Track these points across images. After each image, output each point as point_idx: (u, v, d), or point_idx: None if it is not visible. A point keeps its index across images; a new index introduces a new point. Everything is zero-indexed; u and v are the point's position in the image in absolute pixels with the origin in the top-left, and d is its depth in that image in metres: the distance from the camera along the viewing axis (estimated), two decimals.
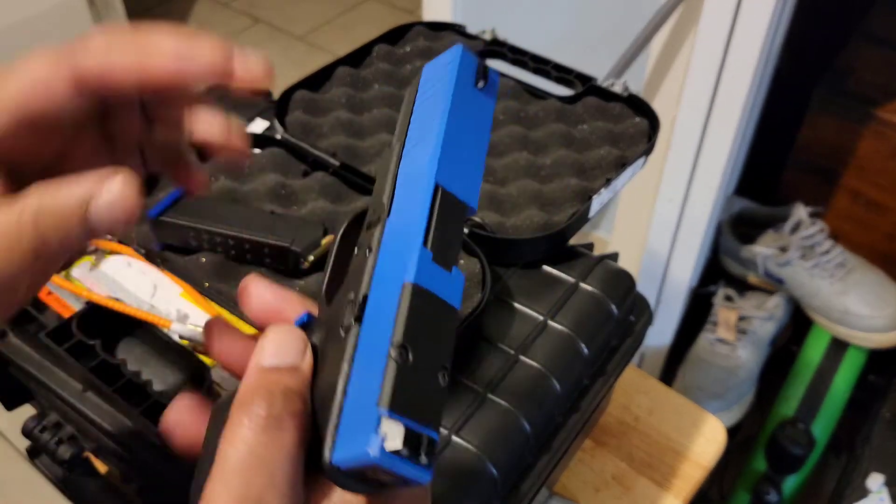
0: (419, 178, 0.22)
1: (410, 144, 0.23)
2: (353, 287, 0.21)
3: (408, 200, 0.22)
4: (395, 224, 0.22)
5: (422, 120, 0.23)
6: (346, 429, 0.19)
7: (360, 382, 0.19)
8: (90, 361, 0.39)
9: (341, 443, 0.19)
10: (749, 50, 0.75)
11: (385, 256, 0.21)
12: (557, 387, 0.40)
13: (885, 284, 0.98)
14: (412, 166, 0.22)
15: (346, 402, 0.19)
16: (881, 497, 0.89)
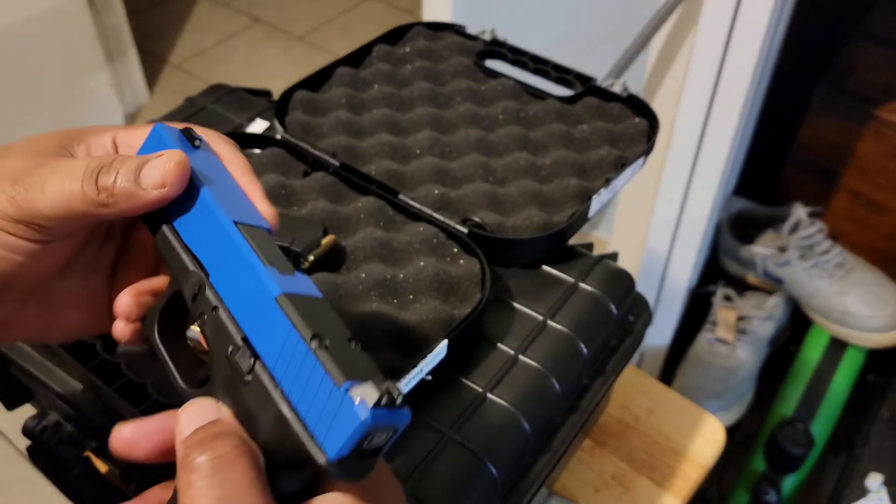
0: (214, 229, 0.24)
1: (174, 216, 0.26)
2: (222, 345, 0.23)
3: (215, 253, 0.24)
4: (220, 276, 0.24)
5: None
6: (320, 428, 0.20)
7: (301, 392, 0.21)
8: (90, 361, 0.39)
9: (327, 439, 0.20)
10: (748, 50, 0.75)
11: (233, 303, 0.23)
12: (557, 386, 0.40)
13: (885, 284, 0.98)
14: (195, 231, 0.25)
15: (303, 413, 0.20)
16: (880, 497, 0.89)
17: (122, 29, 1.55)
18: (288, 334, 0.21)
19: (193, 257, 0.25)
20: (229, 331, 0.23)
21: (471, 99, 0.54)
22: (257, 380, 0.22)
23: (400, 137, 0.51)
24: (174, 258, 0.25)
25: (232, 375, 0.22)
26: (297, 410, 0.21)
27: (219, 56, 1.80)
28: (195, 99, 0.56)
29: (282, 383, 0.21)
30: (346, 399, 0.19)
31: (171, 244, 0.25)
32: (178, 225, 0.25)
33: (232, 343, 0.23)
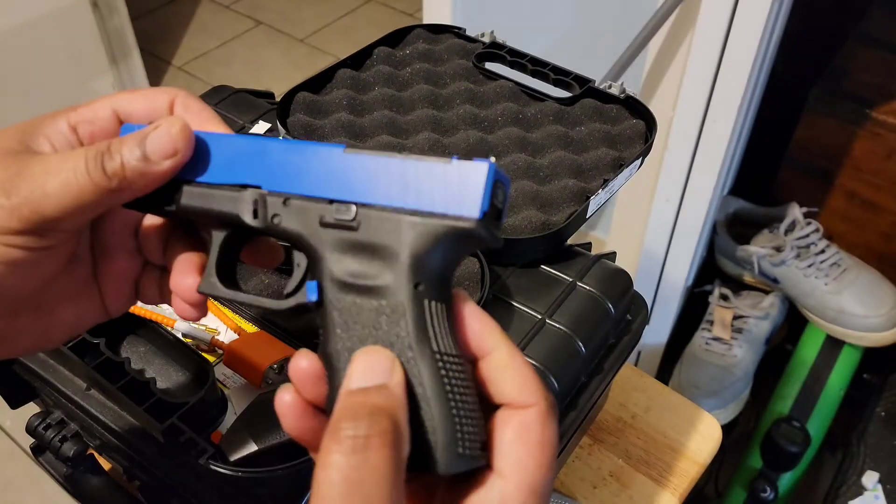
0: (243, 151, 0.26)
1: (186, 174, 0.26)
2: (311, 221, 0.24)
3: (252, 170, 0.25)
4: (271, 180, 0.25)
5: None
6: (452, 204, 0.22)
7: (416, 195, 0.22)
8: (94, 359, 0.39)
9: (464, 206, 0.22)
10: (745, 51, 0.76)
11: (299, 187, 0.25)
12: (555, 384, 0.41)
13: (880, 284, 0.98)
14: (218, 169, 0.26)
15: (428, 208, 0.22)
16: (876, 494, 0.90)
17: (126, 31, 1.55)
18: (374, 164, 0.23)
19: (229, 186, 0.25)
20: (312, 205, 0.24)
21: (470, 100, 0.55)
22: (366, 216, 0.23)
23: (400, 139, 0.52)
24: (212, 200, 0.26)
25: (336, 237, 0.23)
26: (421, 210, 0.22)
27: (221, 58, 1.81)
28: None
29: (391, 202, 0.22)
30: (462, 165, 0.22)
31: (200, 193, 0.26)
32: (194, 177, 0.26)
33: (322, 210, 0.24)
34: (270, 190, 0.25)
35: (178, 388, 0.41)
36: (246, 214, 0.25)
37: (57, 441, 0.42)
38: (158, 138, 0.24)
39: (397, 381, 0.22)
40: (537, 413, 0.22)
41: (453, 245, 0.22)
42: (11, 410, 0.47)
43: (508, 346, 0.24)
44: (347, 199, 0.23)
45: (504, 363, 0.23)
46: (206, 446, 0.36)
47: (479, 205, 0.21)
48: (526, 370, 0.23)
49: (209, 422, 0.38)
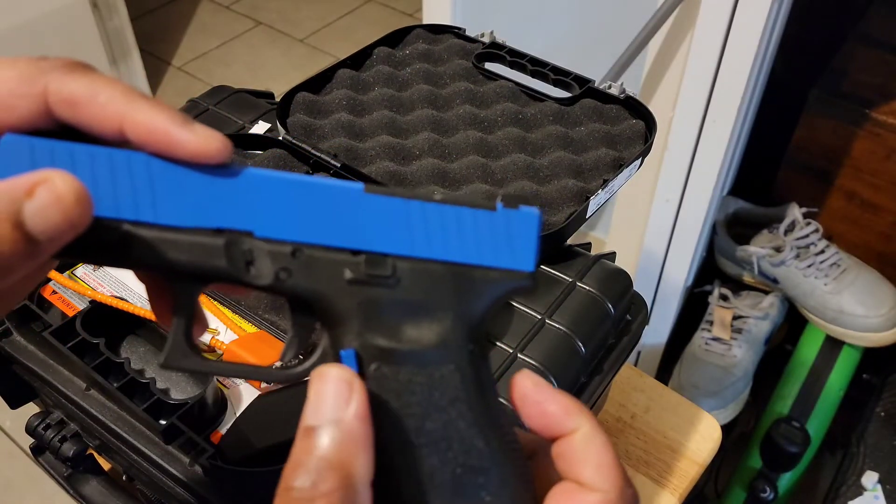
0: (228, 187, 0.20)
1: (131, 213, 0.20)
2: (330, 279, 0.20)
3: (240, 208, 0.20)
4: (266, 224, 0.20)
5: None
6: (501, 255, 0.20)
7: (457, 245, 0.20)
8: (94, 360, 0.39)
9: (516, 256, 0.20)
10: (745, 52, 0.76)
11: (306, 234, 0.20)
12: (555, 384, 0.41)
13: (880, 284, 0.98)
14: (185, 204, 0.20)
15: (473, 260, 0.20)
16: (876, 495, 0.90)
17: (125, 31, 1.55)
18: (406, 209, 0.19)
19: (207, 232, 0.20)
20: (332, 257, 0.19)
21: (470, 101, 0.55)
22: (406, 271, 0.19)
23: (400, 139, 0.52)
24: (180, 251, 0.19)
25: (368, 296, 0.19)
26: (469, 262, 0.20)
27: (221, 58, 1.81)
28: (198, 100, 0.57)
29: (431, 254, 0.19)
30: (510, 213, 0.20)
31: (160, 241, 0.19)
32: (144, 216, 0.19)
33: (346, 265, 0.19)
34: (268, 237, 0.20)
35: (178, 388, 0.41)
36: (237, 268, 0.19)
37: (57, 441, 0.42)
38: (43, 212, 0.17)
39: (354, 413, 0.18)
40: (600, 501, 0.20)
41: (501, 299, 0.20)
42: (11, 410, 0.47)
43: (594, 426, 0.21)
44: (378, 251, 0.19)
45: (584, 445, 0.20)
46: (206, 446, 0.36)
47: (532, 258, 0.20)
48: (606, 453, 0.20)
49: (209, 422, 0.38)
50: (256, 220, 0.20)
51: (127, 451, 0.39)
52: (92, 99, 0.20)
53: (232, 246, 0.20)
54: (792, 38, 0.95)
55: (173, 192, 0.20)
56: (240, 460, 0.35)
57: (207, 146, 0.20)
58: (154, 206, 0.20)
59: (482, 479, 0.19)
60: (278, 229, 0.20)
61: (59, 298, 0.44)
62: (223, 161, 0.20)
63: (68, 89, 0.20)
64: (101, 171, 0.19)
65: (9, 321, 0.43)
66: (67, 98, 0.20)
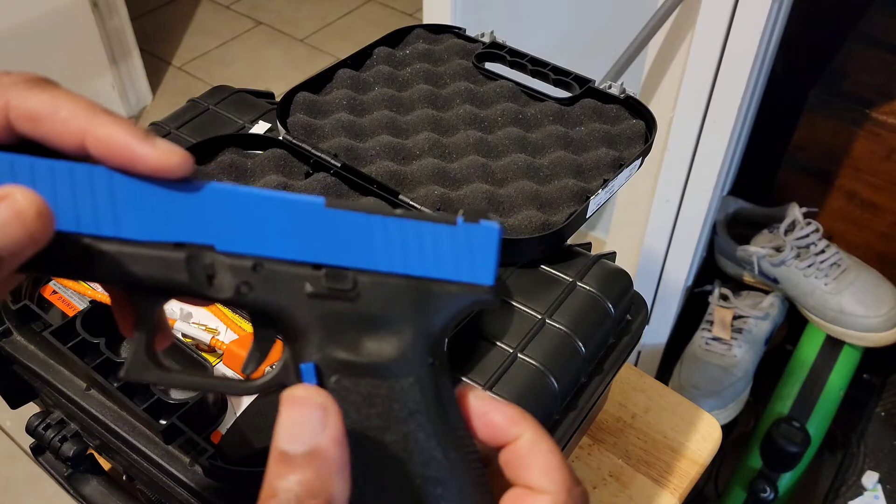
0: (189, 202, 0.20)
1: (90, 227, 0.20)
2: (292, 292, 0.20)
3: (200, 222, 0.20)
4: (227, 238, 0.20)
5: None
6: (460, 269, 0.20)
7: (418, 259, 0.20)
8: (94, 360, 0.39)
9: (476, 271, 0.20)
10: (745, 52, 0.76)
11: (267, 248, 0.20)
12: (555, 384, 0.41)
13: (880, 284, 0.98)
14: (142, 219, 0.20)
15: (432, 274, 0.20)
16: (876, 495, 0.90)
17: (126, 31, 1.55)
18: (366, 224, 0.19)
19: (168, 246, 0.20)
20: (293, 271, 0.20)
21: (470, 101, 0.55)
22: (367, 284, 0.19)
23: (400, 139, 0.52)
24: (141, 265, 0.20)
25: (328, 309, 0.19)
26: (428, 276, 0.20)
27: (221, 58, 1.81)
28: (198, 100, 0.57)
29: (392, 268, 0.19)
30: (470, 228, 0.19)
31: (121, 255, 0.19)
32: (104, 230, 0.20)
33: (308, 278, 0.19)
34: (228, 251, 0.20)
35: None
36: (198, 282, 0.20)
37: (57, 441, 0.42)
38: (4, 227, 0.18)
39: (331, 436, 0.18)
40: (549, 502, 0.20)
41: (461, 312, 0.20)
42: (11, 410, 0.47)
43: (537, 431, 0.22)
44: (339, 265, 0.20)
45: (530, 450, 0.21)
46: (206, 446, 0.36)
47: (492, 272, 0.20)
48: (552, 457, 0.21)
49: (209, 422, 0.38)
50: (218, 235, 0.20)
51: (127, 451, 0.39)
52: (53, 114, 0.20)
53: (193, 260, 0.20)
54: (792, 38, 0.95)
55: (135, 207, 0.20)
56: (240, 460, 0.35)
57: (168, 161, 0.19)
58: (115, 220, 0.20)
59: (441, 489, 0.19)
60: (239, 243, 0.20)
61: (59, 298, 0.44)
62: (184, 175, 0.20)
63: (29, 104, 0.20)
64: (61, 186, 0.19)
65: (9, 321, 0.43)
66: (28, 113, 0.20)
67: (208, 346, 0.43)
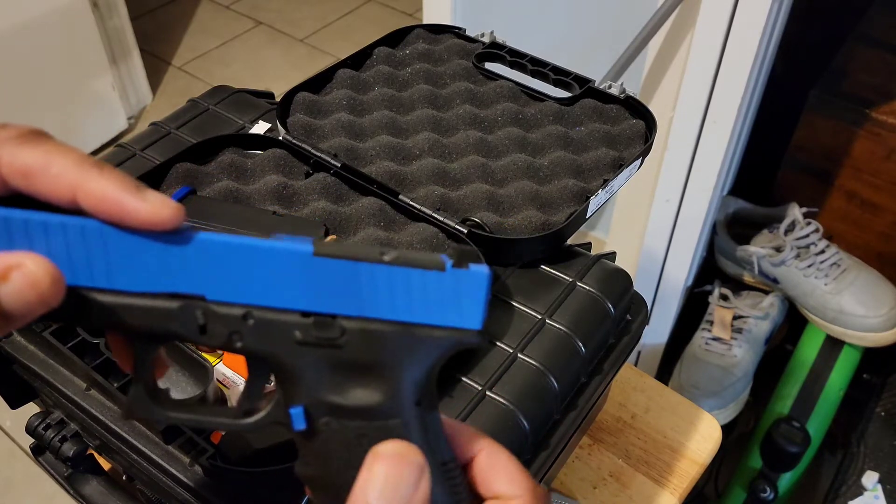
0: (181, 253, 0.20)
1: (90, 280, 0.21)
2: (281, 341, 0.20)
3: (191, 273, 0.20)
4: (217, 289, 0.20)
5: None
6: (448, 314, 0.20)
7: (405, 306, 0.20)
8: (94, 360, 0.39)
9: (463, 316, 0.20)
10: (745, 52, 0.76)
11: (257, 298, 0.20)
12: (555, 384, 0.41)
13: (880, 284, 0.98)
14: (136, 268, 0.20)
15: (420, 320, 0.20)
16: (876, 495, 0.90)
17: (126, 31, 1.55)
18: (354, 271, 0.20)
19: (161, 296, 0.20)
20: (282, 318, 0.20)
21: (470, 101, 0.55)
22: (354, 331, 0.20)
23: (400, 139, 0.52)
24: (135, 315, 0.20)
25: (317, 356, 0.20)
26: (415, 322, 0.20)
27: (221, 58, 1.81)
28: (198, 100, 0.57)
29: (379, 314, 0.20)
30: (459, 274, 0.20)
31: (116, 305, 0.20)
32: (99, 282, 0.20)
33: (296, 326, 0.20)
34: (219, 300, 0.20)
35: (178, 388, 0.41)
36: (190, 331, 0.20)
37: (57, 441, 0.42)
38: (18, 295, 0.19)
39: (421, 498, 0.19)
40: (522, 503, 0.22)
41: (448, 354, 0.21)
42: (11, 410, 0.47)
43: (491, 444, 0.23)
44: (325, 311, 0.20)
45: (487, 460, 0.22)
46: (206, 446, 0.36)
47: (480, 316, 0.20)
48: (510, 464, 0.23)
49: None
50: (208, 285, 0.20)
51: (127, 451, 0.39)
52: (45, 170, 0.20)
53: (185, 310, 0.20)
54: (792, 38, 0.95)
55: (127, 259, 0.20)
56: (240, 460, 0.36)
57: (159, 214, 0.20)
58: (108, 272, 0.20)
59: None
60: (229, 293, 0.20)
61: None
62: (175, 228, 0.20)
63: (21, 160, 0.20)
64: (55, 241, 0.20)
65: None
66: (20, 169, 0.20)
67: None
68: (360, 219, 0.46)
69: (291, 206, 0.47)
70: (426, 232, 0.45)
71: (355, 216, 0.46)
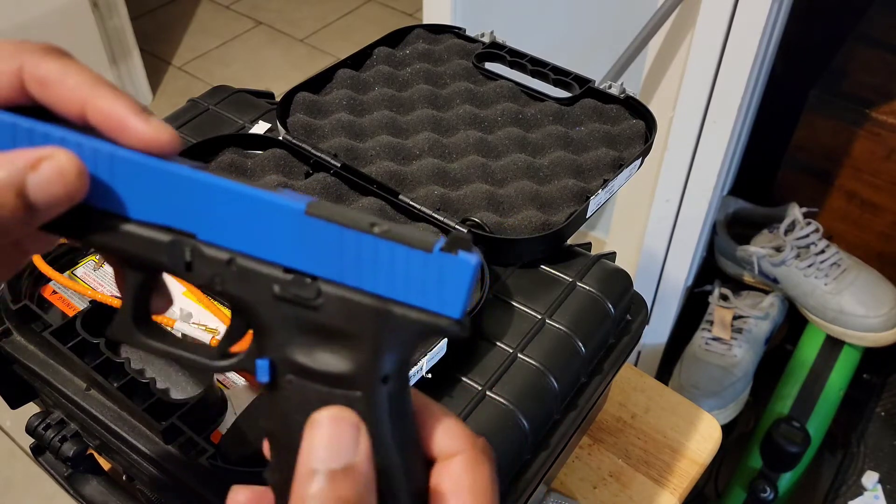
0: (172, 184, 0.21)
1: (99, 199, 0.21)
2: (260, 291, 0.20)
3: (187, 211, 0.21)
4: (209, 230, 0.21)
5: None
6: (430, 299, 0.19)
7: (388, 281, 0.20)
8: (94, 360, 0.39)
9: (444, 302, 0.19)
10: (745, 52, 0.76)
11: (246, 245, 0.20)
12: (555, 384, 0.41)
13: (880, 284, 0.98)
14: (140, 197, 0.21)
15: (400, 298, 0.20)
16: (876, 495, 0.90)
17: (126, 31, 1.55)
18: (342, 237, 0.20)
19: (157, 227, 0.21)
20: (264, 270, 0.20)
21: (470, 101, 0.55)
22: (331, 296, 0.20)
23: (400, 139, 0.52)
24: (131, 241, 0.21)
25: (292, 313, 0.20)
26: (394, 298, 0.20)
27: (221, 58, 1.81)
28: (198, 100, 0.57)
29: (360, 284, 0.20)
30: (446, 259, 0.19)
31: (116, 230, 0.21)
32: (106, 204, 0.21)
33: (277, 280, 0.20)
34: (208, 241, 0.21)
35: (178, 388, 0.41)
36: (177, 266, 0.21)
37: (57, 441, 0.42)
38: (46, 184, 0.20)
39: (364, 453, 0.19)
40: (464, 461, 0.21)
41: (423, 338, 0.20)
42: (11, 410, 0.47)
43: (424, 400, 0.22)
44: (308, 272, 0.20)
45: (424, 419, 0.22)
46: (206, 446, 0.36)
47: (460, 305, 0.19)
48: (447, 420, 0.22)
49: (209, 422, 0.38)
50: (201, 224, 0.21)
51: (127, 451, 0.39)
52: (61, 81, 0.21)
53: (175, 245, 0.21)
54: (792, 38, 0.95)
55: (131, 185, 0.21)
56: (240, 460, 0.35)
57: (158, 136, 0.21)
58: (114, 195, 0.21)
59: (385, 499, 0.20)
60: (219, 236, 0.21)
61: (59, 298, 0.44)
62: (172, 152, 0.21)
63: (42, 70, 0.21)
64: None
65: (9, 321, 0.43)
66: (39, 78, 0.21)
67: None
68: None
69: None
70: None
71: None
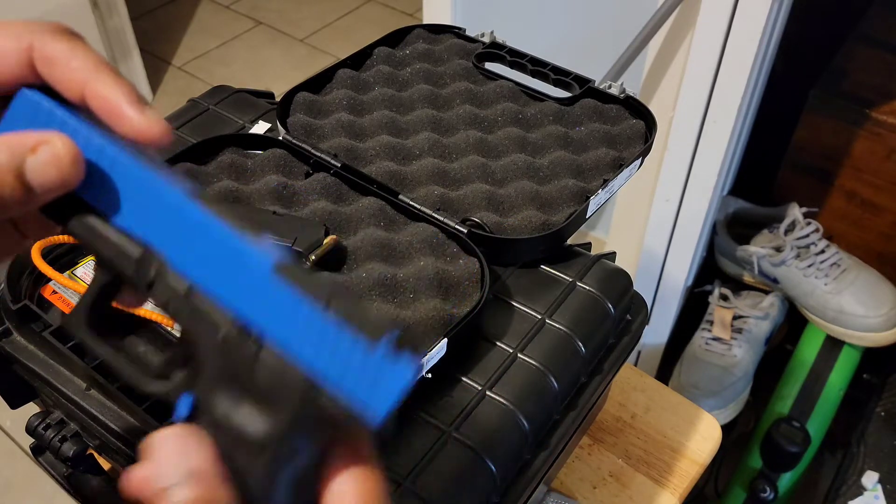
0: (157, 199, 0.21)
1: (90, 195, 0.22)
2: (207, 331, 0.20)
3: (163, 229, 0.21)
4: (180, 254, 0.21)
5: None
6: (361, 388, 0.19)
7: (328, 360, 0.19)
8: (94, 360, 0.39)
9: (373, 396, 0.19)
10: (745, 52, 0.76)
11: (210, 281, 0.20)
12: (555, 384, 0.41)
13: (880, 284, 0.98)
14: (127, 203, 0.21)
15: (333, 380, 0.19)
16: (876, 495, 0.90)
17: (126, 31, 1.55)
18: (295, 304, 0.19)
19: (132, 238, 0.21)
20: (214, 315, 0.20)
21: (470, 101, 0.55)
22: (268, 361, 0.19)
23: (400, 139, 0.52)
24: (105, 244, 0.22)
25: (228, 362, 0.20)
26: (326, 378, 0.19)
27: (221, 58, 1.81)
28: (198, 100, 0.57)
29: (301, 351, 0.19)
30: (387, 361, 0.19)
31: (96, 229, 0.22)
32: (97, 202, 0.22)
33: (226, 328, 0.20)
34: (175, 266, 0.21)
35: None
36: (140, 282, 0.21)
37: (57, 441, 0.42)
38: (42, 168, 0.20)
39: (205, 455, 0.19)
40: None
41: (339, 427, 0.20)
42: (11, 410, 0.47)
43: None
44: (259, 325, 0.20)
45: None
46: None
47: (386, 408, 0.19)
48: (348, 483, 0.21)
49: None
50: (173, 248, 0.21)
51: (127, 451, 0.39)
52: (66, 62, 0.22)
53: (143, 262, 0.21)
54: (792, 37, 0.95)
55: (124, 190, 0.21)
56: None
57: (150, 128, 0.21)
58: (103, 193, 0.22)
59: None
60: (187, 264, 0.21)
61: (59, 298, 0.44)
62: (161, 145, 0.22)
63: (49, 48, 0.22)
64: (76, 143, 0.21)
65: (9, 321, 0.43)
66: (46, 56, 0.22)
67: None
68: (360, 219, 0.46)
69: (291, 206, 0.47)
70: (426, 232, 0.45)
71: (355, 216, 0.46)
